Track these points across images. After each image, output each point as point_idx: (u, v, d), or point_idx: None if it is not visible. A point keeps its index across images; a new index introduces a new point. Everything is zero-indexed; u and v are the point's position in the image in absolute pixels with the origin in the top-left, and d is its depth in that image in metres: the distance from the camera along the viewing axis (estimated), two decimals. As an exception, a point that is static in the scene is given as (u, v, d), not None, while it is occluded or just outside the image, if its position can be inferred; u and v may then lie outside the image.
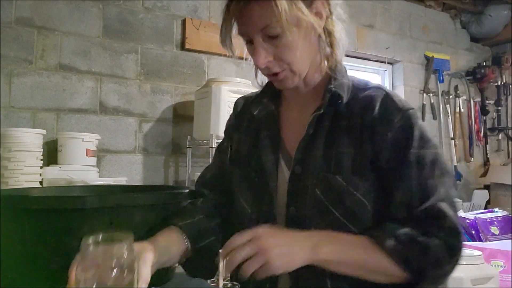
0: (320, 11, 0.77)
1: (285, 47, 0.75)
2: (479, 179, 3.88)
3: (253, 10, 0.72)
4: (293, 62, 0.77)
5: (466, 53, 3.99)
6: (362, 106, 0.79)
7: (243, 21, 0.75)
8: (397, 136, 0.76)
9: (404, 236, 0.73)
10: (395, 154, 0.76)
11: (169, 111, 2.58)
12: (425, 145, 0.77)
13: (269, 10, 0.71)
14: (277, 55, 0.76)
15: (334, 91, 0.80)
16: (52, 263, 0.75)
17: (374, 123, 0.77)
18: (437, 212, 0.74)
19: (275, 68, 0.78)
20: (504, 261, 2.01)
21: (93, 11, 2.39)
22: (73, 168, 2.05)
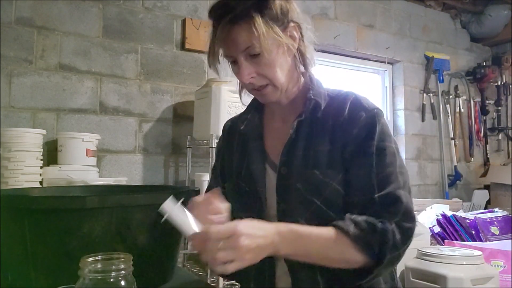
0: (293, 34, 0.90)
1: (265, 65, 0.87)
2: (479, 179, 3.88)
3: (236, 34, 0.84)
4: (274, 78, 0.88)
5: (466, 53, 3.99)
6: (335, 110, 0.91)
7: (228, 44, 0.86)
8: (361, 131, 0.88)
9: (364, 223, 0.81)
10: (358, 147, 0.87)
11: (169, 111, 2.58)
12: (386, 139, 0.88)
13: (249, 34, 0.83)
14: (259, 72, 0.88)
15: (313, 99, 0.93)
16: (52, 263, 0.75)
17: (344, 123, 0.89)
18: (394, 199, 0.83)
19: (258, 83, 0.89)
20: (504, 261, 2.02)
21: (93, 11, 2.39)
22: (73, 168, 2.05)
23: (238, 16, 0.83)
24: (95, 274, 0.57)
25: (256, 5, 0.83)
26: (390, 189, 0.84)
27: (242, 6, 0.83)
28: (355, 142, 0.87)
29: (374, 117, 0.88)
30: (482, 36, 3.96)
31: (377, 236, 0.80)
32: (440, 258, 1.83)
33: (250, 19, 0.82)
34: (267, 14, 0.84)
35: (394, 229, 0.80)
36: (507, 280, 1.96)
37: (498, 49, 4.10)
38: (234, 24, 0.83)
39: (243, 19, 0.83)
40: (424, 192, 3.59)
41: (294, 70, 0.94)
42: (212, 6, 0.88)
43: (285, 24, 0.87)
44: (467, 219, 2.43)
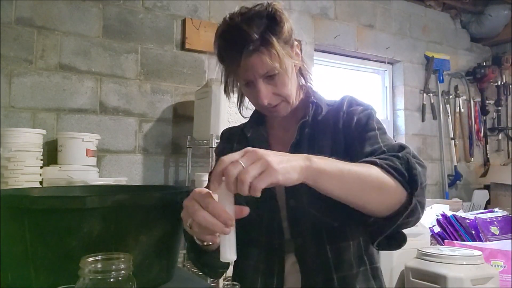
0: (297, 52, 0.95)
1: (281, 84, 0.90)
2: (479, 179, 3.88)
3: (257, 60, 0.86)
4: (288, 95, 0.93)
5: (466, 53, 3.99)
6: (335, 111, 0.97)
7: (247, 70, 0.87)
8: (361, 118, 0.92)
9: (385, 155, 0.79)
10: (358, 132, 0.90)
11: (169, 111, 2.58)
12: (382, 127, 0.92)
13: (270, 58, 0.86)
14: (275, 92, 0.91)
15: (316, 102, 0.98)
16: (52, 263, 0.75)
17: (344, 117, 0.94)
18: (400, 146, 0.83)
19: (274, 102, 0.92)
20: (504, 261, 2.02)
21: (93, 11, 2.39)
22: (73, 168, 2.05)
23: (259, 44, 0.85)
24: (95, 274, 0.57)
25: (271, 29, 0.86)
26: (389, 142, 0.87)
27: (260, 32, 0.85)
28: (355, 129, 0.91)
29: (371, 111, 0.95)
30: (482, 36, 3.96)
31: (403, 161, 0.77)
32: (440, 258, 1.83)
33: (270, 45, 0.85)
34: (281, 37, 0.87)
35: (414, 161, 0.78)
36: (507, 280, 1.96)
37: (498, 49, 4.10)
38: (255, 52, 0.85)
39: (264, 45, 0.85)
40: (424, 192, 3.59)
41: (298, 84, 0.99)
42: (225, 33, 0.89)
43: (291, 44, 0.92)
44: (467, 219, 2.43)
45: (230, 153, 1.05)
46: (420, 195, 0.76)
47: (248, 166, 0.62)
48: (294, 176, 0.65)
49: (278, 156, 0.65)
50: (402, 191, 0.75)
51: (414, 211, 0.75)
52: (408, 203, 0.74)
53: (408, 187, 0.75)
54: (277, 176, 0.62)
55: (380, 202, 0.75)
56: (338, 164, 0.71)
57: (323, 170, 0.68)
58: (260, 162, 0.62)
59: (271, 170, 0.62)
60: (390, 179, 0.74)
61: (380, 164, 0.75)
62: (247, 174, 0.61)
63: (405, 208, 0.74)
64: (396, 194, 0.75)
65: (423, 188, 0.77)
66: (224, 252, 0.66)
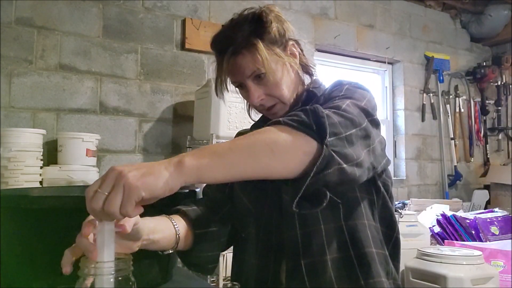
0: (294, 52, 0.94)
1: (272, 85, 0.90)
2: (479, 179, 3.88)
3: (241, 63, 0.88)
4: (282, 96, 0.92)
5: (466, 53, 3.99)
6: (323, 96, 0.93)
7: (234, 72, 0.90)
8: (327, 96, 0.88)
9: (294, 112, 0.72)
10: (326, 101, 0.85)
11: (169, 111, 2.58)
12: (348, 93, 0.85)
13: (253, 59, 0.87)
14: (267, 93, 0.91)
15: (310, 90, 0.96)
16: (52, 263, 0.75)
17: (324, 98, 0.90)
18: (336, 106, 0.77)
19: (268, 103, 0.93)
20: (504, 261, 2.02)
21: (93, 11, 2.39)
22: (73, 168, 2.04)
23: (240, 46, 0.87)
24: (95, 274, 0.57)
25: (255, 32, 0.88)
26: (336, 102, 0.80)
27: (242, 36, 0.87)
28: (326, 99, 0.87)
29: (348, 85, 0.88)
30: (482, 36, 3.96)
31: (309, 113, 0.70)
32: (440, 258, 1.83)
33: (252, 46, 0.87)
34: (266, 38, 0.88)
35: (328, 113, 0.72)
36: (507, 280, 1.96)
37: (498, 49, 4.10)
38: (238, 54, 0.88)
39: (245, 47, 0.87)
40: (424, 192, 3.59)
41: (298, 83, 0.97)
42: (214, 40, 0.92)
43: (284, 44, 0.92)
44: (467, 219, 2.43)
45: None
46: (338, 145, 0.69)
47: (110, 194, 0.57)
48: (161, 186, 0.59)
49: (141, 169, 0.59)
50: (309, 143, 0.68)
51: (330, 162, 0.67)
52: (320, 153, 0.67)
53: (317, 136, 0.68)
54: (139, 193, 0.57)
55: (279, 163, 0.67)
56: (217, 148, 0.66)
57: (199, 166, 0.62)
58: (119, 184, 0.57)
59: (131, 189, 0.56)
60: (289, 135, 0.68)
61: (283, 121, 0.70)
62: (110, 205, 0.56)
63: (316, 159, 0.67)
64: (299, 148, 0.68)
65: (344, 139, 0.71)
66: (101, 254, 0.59)
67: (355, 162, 0.71)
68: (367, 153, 0.76)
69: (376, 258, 0.87)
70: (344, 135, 0.71)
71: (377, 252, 0.88)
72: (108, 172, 0.58)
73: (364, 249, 0.86)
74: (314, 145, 0.68)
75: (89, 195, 0.58)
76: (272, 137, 0.67)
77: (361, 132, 0.75)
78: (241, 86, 0.93)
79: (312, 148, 0.68)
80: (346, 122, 0.73)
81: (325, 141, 0.67)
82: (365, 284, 0.85)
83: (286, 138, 0.68)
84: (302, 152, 0.68)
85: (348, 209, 0.87)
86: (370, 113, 0.81)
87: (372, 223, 0.90)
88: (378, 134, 0.84)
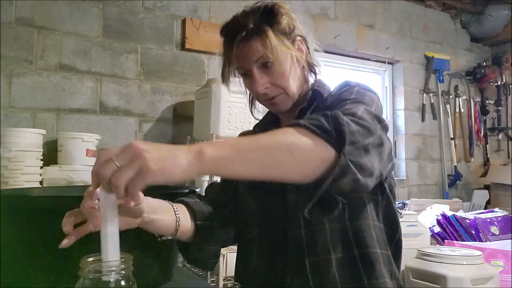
0: (301, 48, 0.96)
1: (278, 74, 0.91)
2: (479, 179, 3.88)
3: (250, 48, 0.89)
4: (287, 87, 0.92)
5: (466, 53, 3.99)
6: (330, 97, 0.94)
7: (242, 58, 0.91)
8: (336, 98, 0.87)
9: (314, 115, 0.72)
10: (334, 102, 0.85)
11: (169, 111, 2.58)
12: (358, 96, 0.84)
13: (262, 46, 0.88)
14: (272, 82, 0.92)
15: (316, 89, 0.96)
16: (52, 263, 0.75)
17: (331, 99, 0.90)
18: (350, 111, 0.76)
19: (272, 93, 0.93)
20: (504, 261, 2.02)
21: (93, 11, 2.39)
22: (73, 168, 2.04)
23: (251, 32, 0.89)
24: (95, 274, 0.57)
25: (266, 21, 0.90)
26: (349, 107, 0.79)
27: (254, 23, 0.89)
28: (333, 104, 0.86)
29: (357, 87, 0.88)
30: (482, 36, 3.96)
31: (329, 119, 0.70)
32: (440, 258, 1.83)
33: (263, 33, 0.88)
34: (277, 28, 0.90)
35: (348, 120, 0.71)
36: (507, 280, 1.96)
37: (498, 49, 4.10)
38: (248, 40, 0.89)
39: (256, 33, 0.89)
40: (424, 192, 3.59)
41: (304, 80, 0.99)
42: (225, 26, 0.94)
43: (292, 38, 0.94)
44: (467, 219, 2.43)
45: None
46: (355, 154, 0.68)
47: (123, 166, 0.55)
48: (178, 174, 0.58)
49: (161, 152, 0.57)
50: (327, 150, 0.68)
51: (346, 171, 0.67)
52: (337, 162, 0.67)
53: (335, 144, 0.68)
54: (153, 177, 0.55)
55: (296, 166, 0.67)
56: (238, 143, 0.66)
57: (218, 158, 0.61)
58: (135, 162, 0.55)
59: (146, 170, 0.55)
60: (309, 139, 0.67)
61: (304, 124, 0.69)
62: (119, 177, 0.55)
63: (334, 168, 0.67)
64: (318, 154, 0.67)
65: (361, 148, 0.70)
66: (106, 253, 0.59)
67: (369, 173, 0.72)
68: (379, 161, 0.76)
69: (380, 258, 0.87)
70: (361, 144, 0.71)
71: (381, 252, 0.88)
72: (127, 147, 0.57)
73: (368, 249, 0.87)
74: (332, 152, 0.68)
75: (100, 159, 0.57)
76: (292, 140, 0.67)
77: (376, 140, 0.75)
78: (246, 75, 0.94)
79: (329, 155, 0.68)
80: (363, 130, 0.73)
81: (343, 149, 0.67)
82: (368, 284, 0.85)
83: (305, 142, 0.67)
84: (320, 158, 0.68)
85: (353, 209, 0.87)
86: (381, 119, 0.81)
87: (376, 223, 0.90)
88: (387, 138, 0.84)
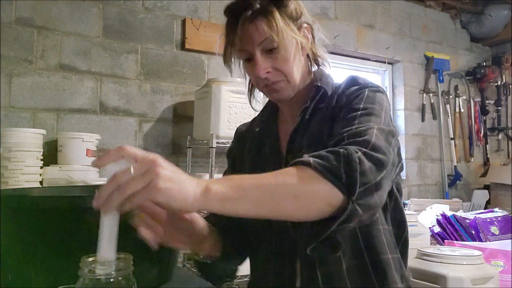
0: (306, 35, 0.92)
1: (282, 59, 0.87)
2: (479, 179, 3.88)
3: (254, 29, 0.85)
4: (290, 73, 0.89)
5: (466, 53, 3.99)
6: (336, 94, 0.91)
7: (245, 38, 0.86)
8: (347, 102, 0.85)
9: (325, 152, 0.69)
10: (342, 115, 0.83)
11: (169, 111, 2.58)
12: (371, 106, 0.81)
13: (268, 27, 0.84)
14: (275, 67, 0.88)
15: (320, 86, 0.92)
16: (52, 263, 0.75)
17: (338, 99, 0.89)
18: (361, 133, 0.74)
19: (273, 78, 0.89)
20: (504, 261, 2.02)
21: (93, 11, 2.39)
22: (73, 168, 2.04)
23: (257, 12, 0.85)
24: (95, 274, 0.57)
25: (274, 2, 0.86)
26: (362, 126, 0.76)
27: (261, 3, 0.85)
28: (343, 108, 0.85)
29: (367, 89, 0.86)
30: (482, 36, 3.96)
31: (341, 159, 0.67)
32: (440, 258, 1.83)
33: (269, 13, 0.85)
34: (284, 11, 0.87)
35: (361, 156, 0.68)
36: (507, 280, 1.96)
37: (498, 49, 4.10)
38: (253, 19, 0.85)
39: (262, 14, 0.85)
40: (424, 192, 3.59)
41: (307, 69, 0.95)
42: (230, 5, 0.90)
43: (299, 24, 0.90)
44: (467, 219, 2.43)
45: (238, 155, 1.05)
46: (364, 197, 0.66)
47: (134, 178, 0.56)
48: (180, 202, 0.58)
49: (175, 175, 0.58)
50: (336, 195, 0.66)
51: (353, 215, 0.66)
52: (344, 207, 0.65)
53: (345, 189, 0.66)
54: (157, 195, 0.56)
55: (301, 211, 0.66)
56: (244, 182, 0.64)
57: (223, 198, 0.61)
58: (148, 175, 0.56)
59: (154, 186, 0.56)
60: (317, 183, 0.65)
61: (313, 164, 0.66)
62: (127, 188, 0.56)
63: (341, 213, 0.65)
64: (325, 199, 0.66)
65: (373, 186, 0.68)
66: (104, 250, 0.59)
67: (377, 209, 0.71)
68: (390, 179, 0.74)
69: (391, 264, 0.86)
70: (373, 183, 0.68)
71: (392, 257, 0.87)
72: (148, 159, 0.58)
73: (379, 256, 0.85)
74: (340, 197, 0.66)
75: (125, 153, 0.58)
76: (297, 184, 0.65)
77: (389, 167, 0.73)
78: (248, 60, 0.90)
79: (337, 201, 0.66)
80: (377, 167, 0.69)
81: (353, 196, 0.65)
82: None
83: (311, 186, 0.65)
84: (326, 203, 0.66)
85: None
86: (394, 133, 0.80)
87: (386, 227, 0.89)
88: (397, 143, 0.83)
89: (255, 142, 1.02)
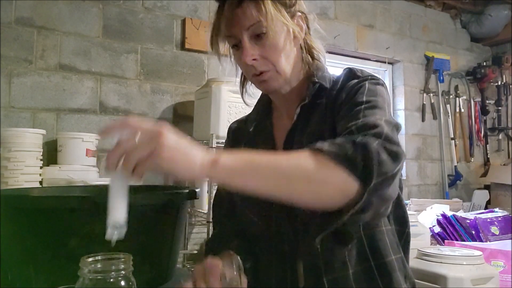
0: (300, 24, 0.86)
1: (270, 46, 0.82)
2: (479, 179, 3.88)
3: (243, 12, 0.80)
4: (278, 62, 0.83)
5: (466, 53, 3.99)
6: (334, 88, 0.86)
7: (233, 22, 0.82)
8: (348, 96, 0.81)
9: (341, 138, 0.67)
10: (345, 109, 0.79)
11: (169, 111, 2.58)
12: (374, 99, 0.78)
13: (257, 11, 0.79)
14: (263, 55, 0.82)
15: (317, 82, 0.87)
16: (52, 263, 0.75)
17: (337, 94, 0.84)
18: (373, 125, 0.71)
19: (261, 67, 0.83)
20: (504, 261, 2.02)
21: (93, 11, 2.39)
22: (73, 168, 2.04)
23: None
24: (95, 274, 0.57)
25: None
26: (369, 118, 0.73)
27: None
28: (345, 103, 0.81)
29: (367, 82, 0.83)
30: (482, 36, 3.96)
31: (358, 148, 0.64)
32: (440, 258, 1.83)
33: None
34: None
35: (379, 147, 0.65)
36: (507, 280, 1.96)
37: (498, 49, 4.10)
38: (241, 2, 0.80)
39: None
40: (424, 192, 3.59)
41: (300, 61, 0.89)
42: None
43: (292, 12, 0.85)
44: (467, 219, 2.43)
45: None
46: (380, 188, 0.64)
47: (139, 145, 0.56)
48: (184, 169, 0.58)
49: (180, 144, 0.58)
50: (351, 183, 0.63)
51: (368, 206, 0.64)
52: (359, 197, 0.63)
53: (361, 179, 0.63)
54: (161, 163, 0.56)
55: (313, 196, 0.64)
56: (255, 159, 0.63)
57: (232, 169, 0.60)
58: (152, 143, 0.56)
59: (157, 155, 0.55)
60: (332, 171, 0.63)
61: (328, 150, 0.64)
62: (131, 157, 0.56)
63: (355, 203, 0.63)
64: (340, 187, 0.64)
65: (390, 179, 0.65)
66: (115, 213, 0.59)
67: (391, 201, 0.69)
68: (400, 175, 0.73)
69: (395, 265, 0.85)
70: (390, 175, 0.65)
71: (396, 258, 0.86)
72: (154, 127, 0.58)
73: (384, 259, 0.84)
74: (355, 186, 0.63)
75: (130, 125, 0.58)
76: (313, 167, 0.63)
77: (404, 160, 0.71)
78: (236, 47, 0.85)
79: (352, 189, 0.64)
80: (393, 158, 0.66)
81: (369, 185, 0.63)
82: None
83: (326, 172, 0.63)
84: (340, 190, 0.64)
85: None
86: (398, 126, 0.78)
87: (388, 227, 0.88)
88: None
89: (249, 143, 0.98)
